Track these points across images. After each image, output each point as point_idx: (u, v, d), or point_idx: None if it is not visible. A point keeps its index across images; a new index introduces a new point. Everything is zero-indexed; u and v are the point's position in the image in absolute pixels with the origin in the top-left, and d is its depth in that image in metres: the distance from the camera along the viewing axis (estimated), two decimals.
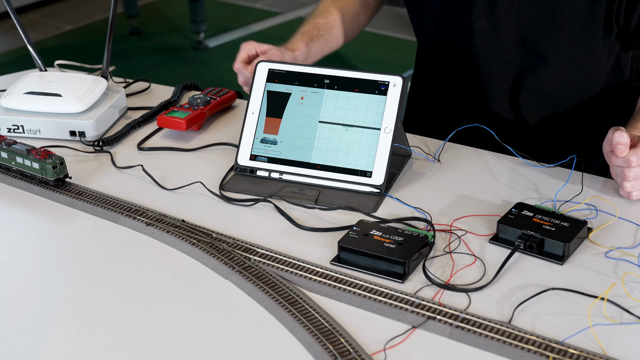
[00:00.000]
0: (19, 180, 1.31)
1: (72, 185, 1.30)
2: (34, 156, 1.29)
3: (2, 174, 1.34)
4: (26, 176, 1.31)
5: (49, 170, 1.27)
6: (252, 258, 1.11)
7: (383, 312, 1.00)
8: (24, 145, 1.31)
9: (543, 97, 1.47)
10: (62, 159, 1.29)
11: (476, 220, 1.18)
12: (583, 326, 0.96)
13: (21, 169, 1.31)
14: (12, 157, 1.31)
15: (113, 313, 1.03)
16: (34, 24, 4.58)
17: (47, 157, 1.28)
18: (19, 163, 1.30)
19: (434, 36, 1.51)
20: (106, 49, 1.56)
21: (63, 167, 1.29)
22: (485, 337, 0.95)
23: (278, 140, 1.31)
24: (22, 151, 1.30)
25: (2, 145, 1.32)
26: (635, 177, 1.19)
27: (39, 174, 1.28)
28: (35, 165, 1.28)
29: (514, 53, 1.43)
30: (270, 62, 1.34)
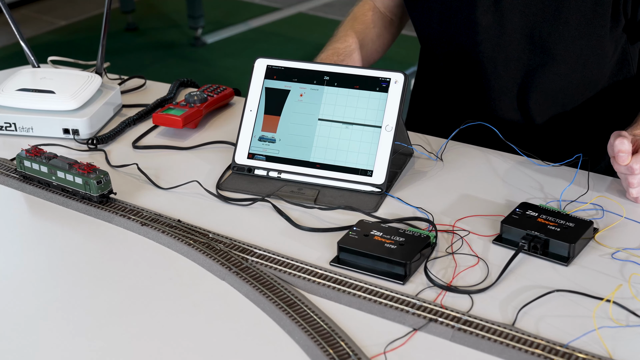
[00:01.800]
0: (59, 196, 1.26)
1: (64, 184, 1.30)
2: (76, 170, 1.24)
3: (42, 189, 1.28)
4: (67, 192, 1.26)
5: (93, 185, 1.22)
6: (249, 259, 1.11)
7: (383, 314, 1.01)
8: (65, 158, 1.27)
9: (550, 94, 1.47)
10: (106, 173, 1.24)
11: (479, 221, 1.19)
12: (588, 329, 0.97)
13: (62, 185, 1.26)
14: (52, 171, 1.26)
15: (107, 315, 1.03)
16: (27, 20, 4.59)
17: (90, 172, 1.23)
18: (60, 178, 1.26)
19: (438, 35, 1.51)
20: (101, 44, 1.56)
21: (107, 182, 1.24)
22: (488, 339, 0.95)
23: (276, 139, 1.32)
24: (63, 165, 1.25)
25: (41, 159, 1.28)
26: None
27: (81, 189, 1.23)
28: (78, 181, 1.23)
29: (521, 50, 1.43)
30: (269, 58, 1.35)
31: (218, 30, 4.40)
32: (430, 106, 1.64)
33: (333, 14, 4.55)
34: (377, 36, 1.59)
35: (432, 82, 1.61)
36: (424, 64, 1.62)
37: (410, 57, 1.73)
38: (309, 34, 4.38)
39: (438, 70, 1.57)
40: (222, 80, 1.76)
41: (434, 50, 1.55)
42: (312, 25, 4.53)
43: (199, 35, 4.27)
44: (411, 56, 1.64)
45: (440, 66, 1.56)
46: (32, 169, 1.29)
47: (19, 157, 1.30)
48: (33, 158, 1.28)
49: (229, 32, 4.39)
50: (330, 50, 1.53)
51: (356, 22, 1.58)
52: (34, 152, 1.29)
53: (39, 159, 1.28)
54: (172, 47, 4.27)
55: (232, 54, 4.15)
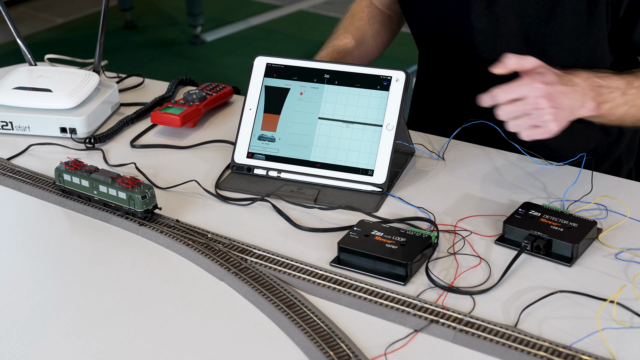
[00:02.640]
0: (100, 210, 1.23)
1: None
2: (119, 185, 1.20)
3: (84, 204, 1.24)
4: (109, 207, 1.22)
5: (137, 200, 1.18)
6: (248, 259, 1.11)
7: (384, 316, 1.01)
8: (107, 172, 1.23)
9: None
10: (150, 188, 1.20)
11: (481, 221, 1.19)
12: (592, 330, 0.97)
13: (104, 199, 1.22)
14: (94, 185, 1.22)
15: (104, 316, 1.03)
16: (24, 17, 4.59)
17: (134, 186, 1.19)
18: (102, 192, 1.22)
19: (434, 37, 1.51)
20: (98, 42, 1.56)
21: (152, 197, 1.20)
22: (490, 341, 0.95)
23: (276, 138, 1.32)
24: (105, 180, 1.21)
25: (82, 172, 1.24)
26: (511, 114, 1.17)
27: (125, 204, 1.20)
28: (121, 195, 1.20)
29: (517, 51, 1.43)
30: (268, 56, 1.35)
31: (217, 28, 4.40)
32: (432, 105, 1.64)
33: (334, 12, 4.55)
34: (377, 33, 1.59)
35: (433, 81, 1.61)
36: (423, 63, 1.62)
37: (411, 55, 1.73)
38: (310, 31, 4.38)
39: (437, 71, 1.57)
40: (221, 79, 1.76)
41: (431, 52, 1.55)
42: (312, 22, 4.53)
43: (198, 33, 4.27)
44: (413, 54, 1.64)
45: (438, 67, 1.56)
46: (72, 183, 1.25)
47: (57, 170, 1.26)
48: (73, 171, 1.24)
49: (229, 30, 4.39)
50: (330, 48, 1.53)
51: (354, 19, 1.58)
52: (74, 165, 1.25)
53: (80, 173, 1.24)
54: (171, 45, 4.27)
55: (231, 52, 4.15)
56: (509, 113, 1.18)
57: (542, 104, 1.16)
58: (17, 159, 1.40)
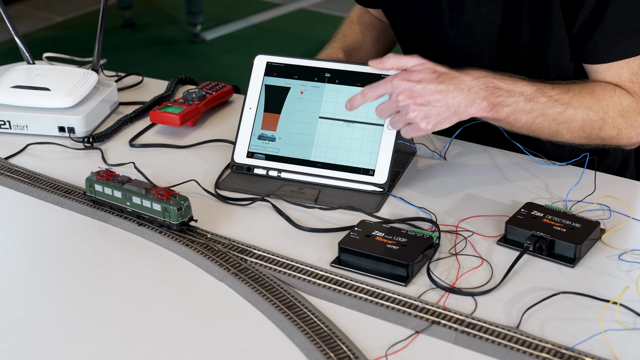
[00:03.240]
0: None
1: (61, 183, 1.31)
2: (154, 196, 1.17)
3: (117, 216, 1.21)
4: (143, 219, 1.19)
5: (172, 212, 1.15)
6: (248, 260, 1.11)
7: (385, 317, 1.01)
8: (140, 182, 1.20)
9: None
10: (186, 199, 1.16)
11: (483, 221, 1.19)
12: (594, 331, 0.97)
13: (138, 211, 1.19)
14: (127, 196, 1.19)
15: (102, 317, 1.03)
16: (22, 16, 4.59)
17: (170, 197, 1.16)
18: (136, 204, 1.18)
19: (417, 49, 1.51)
20: (97, 40, 1.57)
21: (188, 209, 1.17)
22: (492, 342, 0.95)
23: (276, 137, 1.32)
24: (139, 191, 1.18)
25: (115, 183, 1.21)
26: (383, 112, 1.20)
27: (160, 216, 1.16)
28: (156, 207, 1.16)
29: (492, 56, 1.41)
30: (269, 55, 1.35)
31: (217, 26, 4.40)
32: None
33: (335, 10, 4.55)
34: (377, 38, 1.59)
35: None
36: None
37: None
38: (311, 30, 4.38)
39: None
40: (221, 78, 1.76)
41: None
42: (313, 21, 4.53)
43: (198, 31, 4.27)
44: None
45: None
46: (103, 194, 1.22)
47: (88, 180, 1.23)
48: (105, 182, 1.21)
49: (229, 29, 4.39)
50: (330, 49, 1.53)
51: (354, 24, 1.58)
52: (106, 176, 1.22)
53: (112, 183, 1.21)
54: (171, 44, 4.27)
55: (231, 50, 4.15)
56: (381, 111, 1.21)
57: (403, 101, 1.17)
58: (15, 158, 1.40)
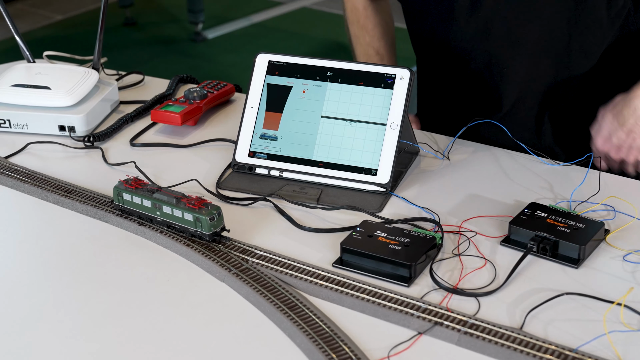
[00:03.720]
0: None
1: (61, 182, 1.31)
2: (185, 205, 1.14)
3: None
4: (174, 229, 1.17)
5: (205, 222, 1.12)
6: (249, 260, 1.11)
7: (387, 317, 1.01)
8: (170, 191, 1.17)
9: (554, 93, 1.47)
10: (218, 209, 1.14)
11: (487, 221, 1.19)
12: (599, 333, 0.97)
13: (168, 221, 1.16)
14: (157, 206, 1.16)
15: (102, 317, 1.03)
16: (22, 14, 4.60)
17: (202, 207, 1.13)
18: (166, 214, 1.16)
19: (431, 46, 1.51)
20: (97, 39, 1.57)
21: (220, 219, 1.14)
22: (495, 344, 0.95)
23: (278, 136, 1.32)
24: (170, 200, 1.15)
25: (144, 192, 1.18)
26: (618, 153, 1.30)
27: (191, 226, 1.13)
28: (187, 217, 1.14)
29: (508, 52, 1.42)
30: (271, 54, 1.35)
31: (219, 25, 4.40)
32: (435, 104, 1.64)
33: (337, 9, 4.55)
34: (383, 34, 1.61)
35: (432, 82, 1.61)
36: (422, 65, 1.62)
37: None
38: (313, 29, 4.38)
39: (438, 74, 1.58)
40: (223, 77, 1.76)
41: (429, 57, 1.56)
42: (315, 20, 4.53)
43: (199, 30, 4.27)
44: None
45: (437, 69, 1.56)
46: (132, 203, 1.19)
47: (116, 189, 1.20)
48: (134, 191, 1.18)
49: (230, 27, 4.40)
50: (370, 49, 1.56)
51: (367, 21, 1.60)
52: (134, 184, 1.19)
53: (142, 192, 1.18)
54: (172, 43, 4.28)
55: (233, 49, 4.15)
56: None
57: None
58: (15, 158, 1.40)
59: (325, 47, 4.01)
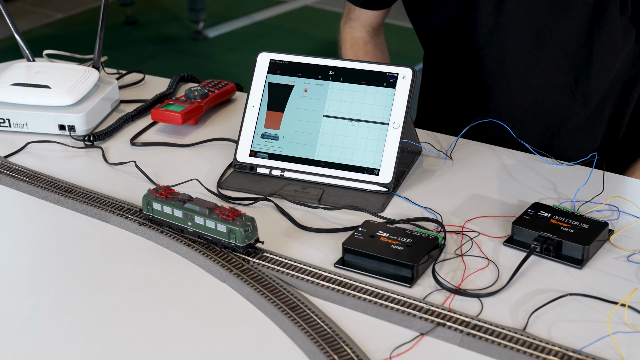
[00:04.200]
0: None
1: (61, 182, 1.31)
2: (218, 216, 1.11)
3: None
4: (206, 240, 1.14)
5: (239, 234, 1.10)
6: (250, 260, 1.11)
7: (389, 318, 1.01)
8: (202, 201, 1.15)
9: (561, 92, 1.47)
10: (252, 220, 1.11)
11: (490, 221, 1.19)
12: (602, 334, 0.97)
13: (200, 232, 1.14)
14: (188, 216, 1.14)
15: (102, 318, 1.03)
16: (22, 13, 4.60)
17: (235, 218, 1.11)
18: (198, 224, 1.13)
19: (443, 40, 1.51)
20: (98, 37, 1.57)
21: (254, 230, 1.12)
22: (498, 345, 0.95)
23: (280, 136, 1.32)
24: (202, 210, 1.13)
25: (175, 202, 1.15)
26: None
27: (225, 238, 1.11)
28: (220, 228, 1.11)
29: (528, 50, 1.43)
30: (272, 53, 1.35)
31: (220, 23, 4.40)
32: (439, 103, 1.64)
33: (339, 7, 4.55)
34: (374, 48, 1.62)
35: (440, 79, 1.62)
36: (430, 63, 1.63)
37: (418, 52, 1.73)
38: (315, 28, 4.38)
39: (445, 70, 1.58)
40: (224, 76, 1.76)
41: (439, 53, 1.56)
42: (317, 18, 4.53)
43: (201, 29, 4.28)
44: (419, 50, 1.65)
45: (446, 67, 1.56)
46: (162, 213, 1.16)
47: (145, 198, 1.18)
48: (164, 200, 1.16)
49: (232, 26, 4.40)
50: None
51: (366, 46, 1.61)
52: (165, 194, 1.17)
53: (173, 202, 1.15)
54: (173, 41, 4.28)
55: (234, 48, 4.16)
56: None
57: None
58: (14, 157, 1.41)
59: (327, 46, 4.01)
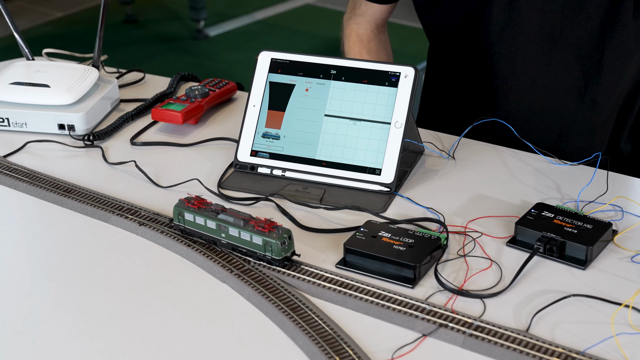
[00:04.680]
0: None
1: (61, 182, 1.31)
2: (254, 228, 1.09)
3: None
4: (240, 252, 1.12)
5: (275, 247, 1.08)
6: (251, 261, 1.11)
7: (392, 319, 1.01)
8: (236, 212, 1.12)
9: (569, 93, 1.47)
10: (289, 232, 1.09)
11: (493, 222, 1.19)
12: (606, 335, 0.97)
13: (234, 244, 1.11)
14: (222, 227, 1.11)
15: (102, 318, 1.03)
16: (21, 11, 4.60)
17: (272, 230, 1.08)
18: (233, 236, 1.11)
19: (452, 36, 1.51)
20: (98, 36, 1.57)
21: (291, 243, 1.09)
22: (500, 346, 0.95)
23: (281, 135, 1.32)
24: (237, 222, 1.10)
25: (208, 212, 1.13)
26: None
27: (260, 250, 1.09)
28: (256, 240, 1.09)
29: (539, 49, 1.43)
30: (273, 51, 1.35)
31: (221, 22, 4.41)
32: (442, 102, 1.64)
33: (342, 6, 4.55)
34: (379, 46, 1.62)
35: (444, 77, 1.61)
36: (435, 60, 1.63)
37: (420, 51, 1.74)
38: (317, 26, 4.38)
39: (450, 67, 1.57)
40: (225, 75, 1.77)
41: (447, 49, 1.56)
42: (319, 17, 4.53)
43: (201, 27, 4.28)
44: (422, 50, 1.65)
45: (452, 64, 1.56)
46: (194, 224, 1.14)
47: (177, 208, 1.15)
48: (197, 211, 1.13)
49: (233, 25, 4.40)
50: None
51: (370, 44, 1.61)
52: (197, 204, 1.14)
53: (206, 213, 1.13)
54: (173, 40, 4.28)
55: (235, 47, 4.16)
56: None
57: None
58: (13, 157, 1.41)
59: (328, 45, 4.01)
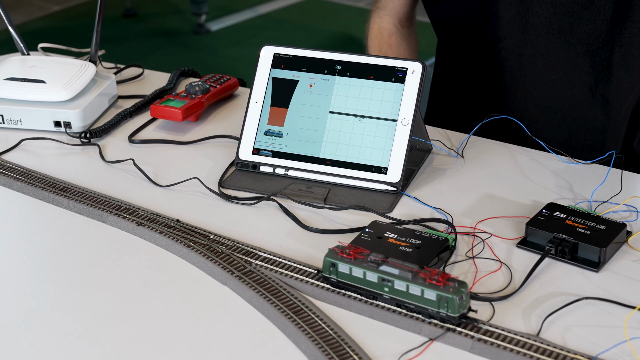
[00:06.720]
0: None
1: (57, 181, 1.31)
2: (425, 281, 0.99)
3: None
4: (406, 308, 1.01)
5: (453, 303, 0.97)
6: (253, 262, 1.12)
7: (397, 323, 1.01)
8: (399, 262, 1.02)
9: (580, 89, 1.47)
10: (465, 285, 0.98)
11: (502, 222, 1.19)
12: (619, 340, 0.97)
13: (400, 299, 1.01)
14: (385, 281, 1.02)
15: (100, 320, 1.03)
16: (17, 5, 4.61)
17: (447, 284, 0.98)
18: (399, 291, 1.01)
19: (459, 30, 1.51)
20: (95, 30, 1.57)
21: (468, 297, 0.99)
22: (510, 351, 0.95)
23: (284, 133, 1.32)
24: (404, 274, 1.00)
25: (368, 264, 1.03)
26: None
27: (434, 307, 0.99)
28: (429, 296, 0.98)
29: (548, 44, 1.43)
30: (276, 46, 1.35)
31: (223, 16, 4.41)
32: (451, 99, 1.64)
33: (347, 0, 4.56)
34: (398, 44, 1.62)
35: (453, 73, 1.62)
36: (443, 55, 1.63)
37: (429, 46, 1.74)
38: (321, 21, 4.39)
39: (459, 63, 1.58)
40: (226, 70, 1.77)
41: (454, 44, 1.56)
42: (324, 11, 4.53)
43: (203, 22, 4.28)
44: (430, 45, 1.65)
45: (460, 60, 1.56)
46: (351, 277, 1.04)
47: (328, 259, 1.05)
48: (353, 262, 1.04)
49: (235, 19, 4.41)
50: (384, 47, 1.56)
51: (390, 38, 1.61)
52: (354, 254, 1.05)
53: (364, 264, 1.03)
54: (174, 35, 4.29)
55: (237, 42, 4.16)
56: None
57: None
58: (8, 155, 1.41)
59: (333, 40, 4.01)
